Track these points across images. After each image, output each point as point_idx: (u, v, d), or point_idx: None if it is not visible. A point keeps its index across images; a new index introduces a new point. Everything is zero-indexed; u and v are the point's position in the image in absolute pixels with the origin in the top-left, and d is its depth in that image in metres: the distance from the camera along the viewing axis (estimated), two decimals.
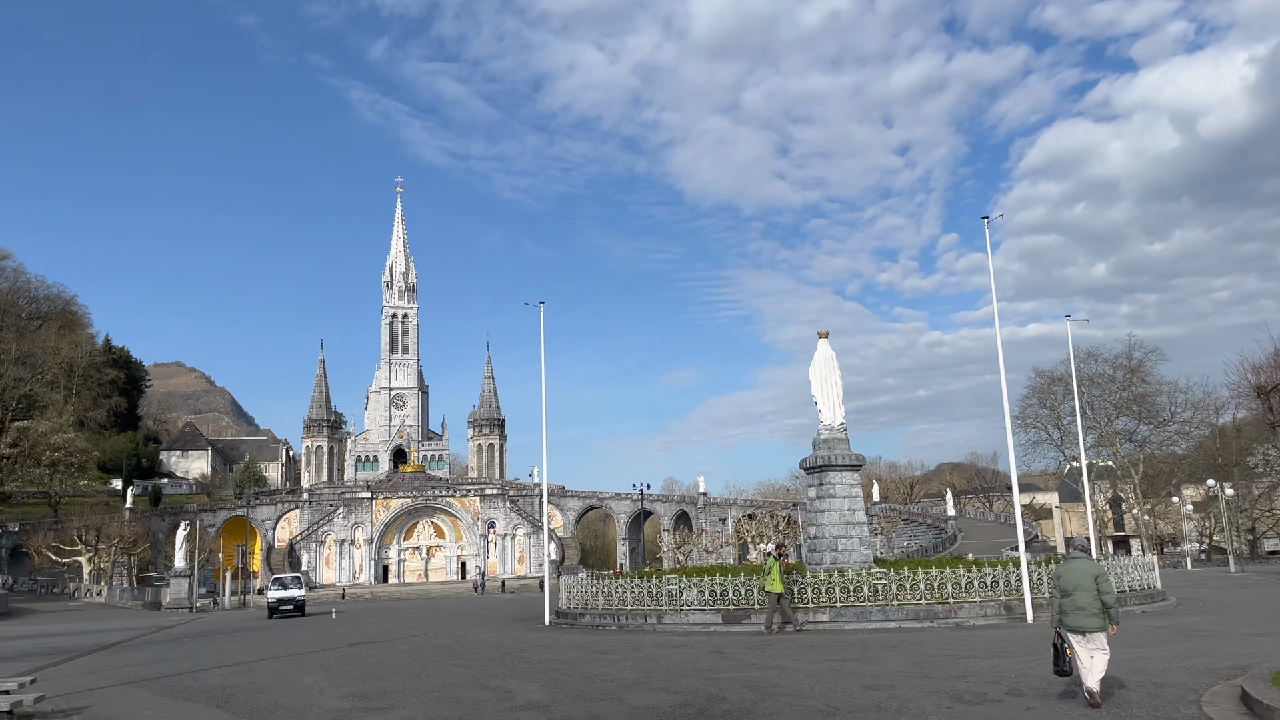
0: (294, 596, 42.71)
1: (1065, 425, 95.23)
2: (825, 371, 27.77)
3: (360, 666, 17.20)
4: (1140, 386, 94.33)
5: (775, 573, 19.96)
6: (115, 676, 17.84)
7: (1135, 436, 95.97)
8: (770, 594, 19.98)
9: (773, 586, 19.84)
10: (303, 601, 43.39)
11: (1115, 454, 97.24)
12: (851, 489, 26.40)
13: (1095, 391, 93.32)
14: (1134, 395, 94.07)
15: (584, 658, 16.43)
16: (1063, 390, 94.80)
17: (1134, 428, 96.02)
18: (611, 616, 23.33)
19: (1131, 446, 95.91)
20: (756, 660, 15.11)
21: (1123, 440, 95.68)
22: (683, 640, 19.08)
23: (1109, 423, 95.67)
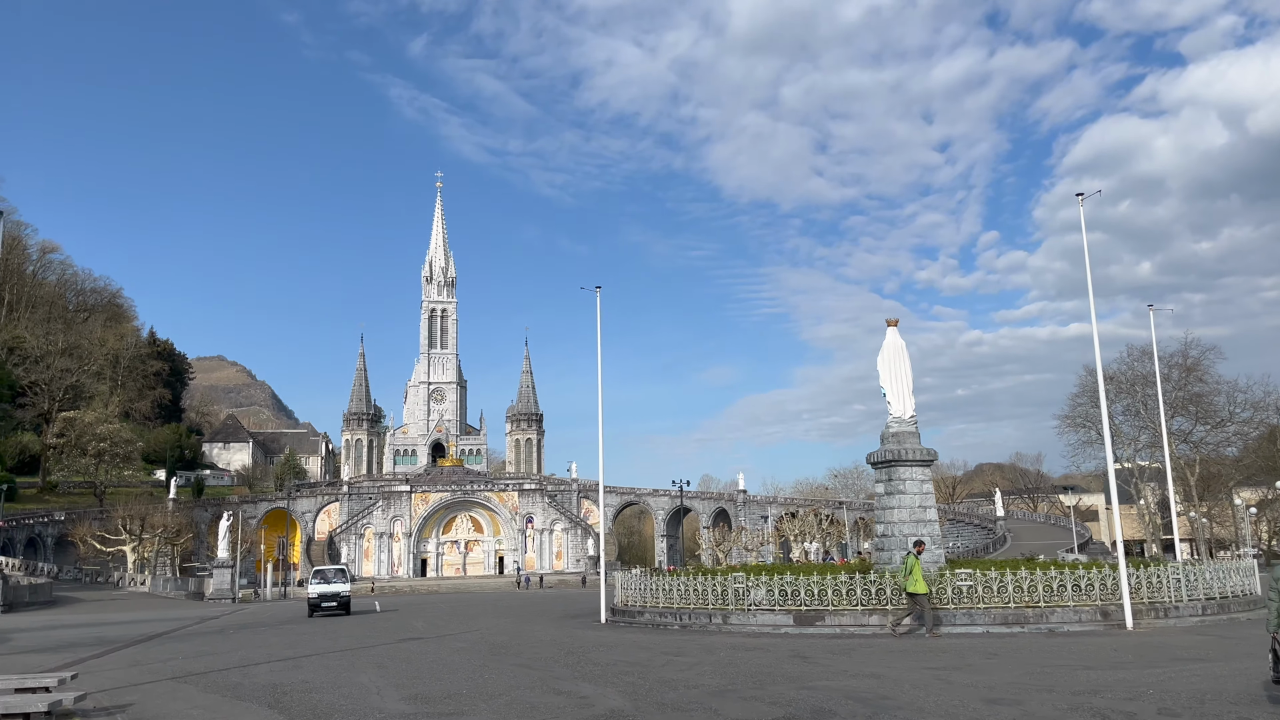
0: (338, 592, 36.62)
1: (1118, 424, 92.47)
2: (894, 361, 26.43)
3: (416, 665, 16.23)
4: (1196, 386, 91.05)
5: (917, 571, 18.20)
6: (161, 671, 17.06)
7: (1191, 437, 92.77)
8: (912, 595, 18.24)
9: (916, 586, 18.04)
10: (348, 597, 37.11)
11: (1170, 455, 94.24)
12: (923, 485, 25.01)
13: (1149, 391, 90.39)
14: (1189, 395, 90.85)
15: (655, 660, 15.29)
16: (1114, 389, 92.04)
17: (1190, 428, 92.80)
18: (673, 615, 22.16)
19: (1186, 447, 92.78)
20: (847, 666, 13.85)
21: (1177, 441, 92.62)
22: (755, 642, 17.87)
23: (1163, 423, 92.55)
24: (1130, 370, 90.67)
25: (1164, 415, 46.18)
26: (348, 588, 37.32)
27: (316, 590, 36.66)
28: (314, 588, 37.03)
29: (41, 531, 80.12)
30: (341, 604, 36.20)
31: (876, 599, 19.41)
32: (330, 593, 36.34)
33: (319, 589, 36.69)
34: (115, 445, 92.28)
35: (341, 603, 36.18)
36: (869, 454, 26.24)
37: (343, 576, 38.51)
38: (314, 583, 37.82)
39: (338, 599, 36.30)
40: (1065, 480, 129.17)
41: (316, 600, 36.02)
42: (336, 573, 39.06)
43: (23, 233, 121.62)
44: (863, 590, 19.59)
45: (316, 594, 36.22)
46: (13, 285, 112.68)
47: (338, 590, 36.61)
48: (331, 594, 36.27)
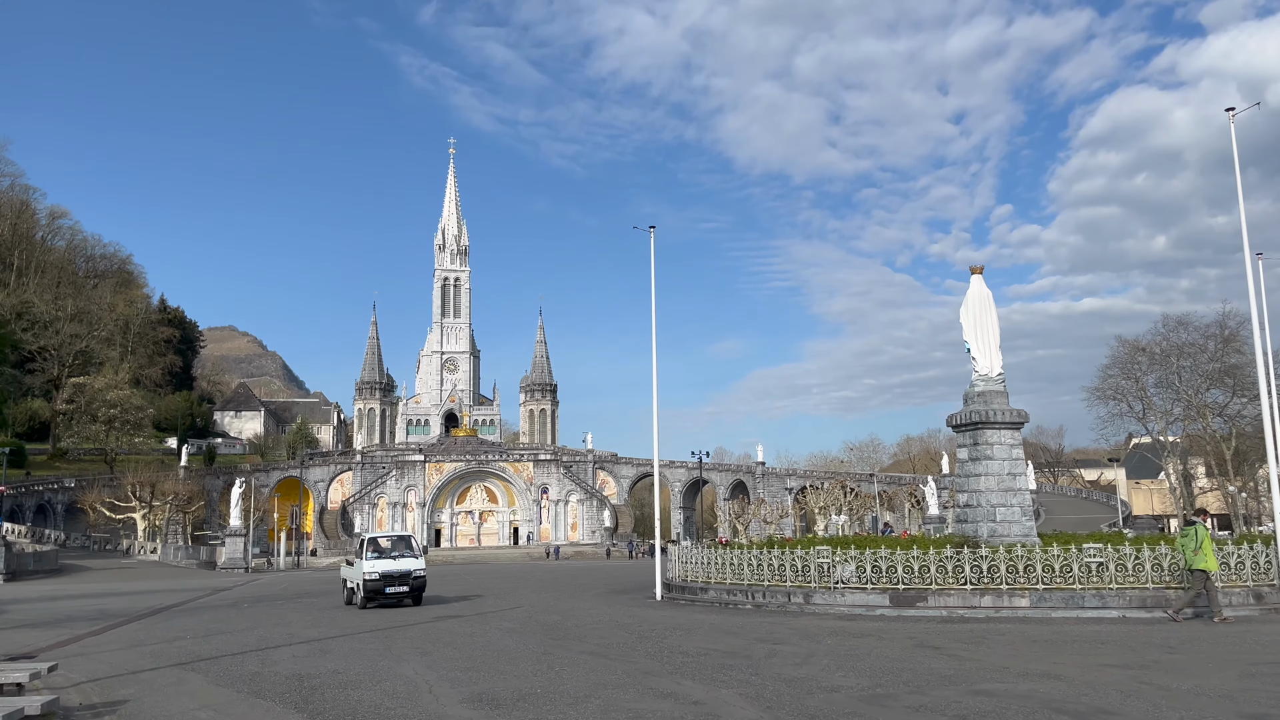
0: (407, 571, 23.87)
1: (1149, 397, 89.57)
2: (980, 313, 23.73)
3: (464, 651, 13.77)
4: (1234, 357, 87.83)
5: (1208, 544, 15.22)
6: (165, 654, 14.68)
7: (1227, 410, 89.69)
8: (1199, 573, 15.18)
9: (1206, 563, 15.07)
10: (423, 579, 24.43)
11: (1205, 427, 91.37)
12: (1012, 450, 22.40)
13: (1184, 362, 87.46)
14: (1226, 367, 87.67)
15: (754, 650, 12.79)
16: (1147, 361, 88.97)
17: (1226, 400, 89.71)
18: (744, 593, 19.68)
19: (1221, 421, 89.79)
20: (999, 660, 11.31)
21: (1213, 414, 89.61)
22: (855, 627, 15.36)
23: (1198, 395, 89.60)
24: (1165, 341, 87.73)
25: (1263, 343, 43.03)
26: (421, 565, 24.54)
27: (376, 569, 23.50)
28: (370, 565, 23.57)
29: (51, 498, 78.48)
30: (414, 590, 23.90)
31: (989, 577, 16.83)
32: (396, 573, 23.58)
33: (378, 566, 23.62)
34: (126, 412, 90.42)
35: (414, 588, 23.89)
36: (949, 415, 23.64)
37: (409, 548, 25.46)
38: (370, 557, 24.02)
39: (408, 582, 23.70)
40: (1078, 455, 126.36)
41: (377, 583, 23.32)
42: (400, 543, 25.71)
43: (31, 197, 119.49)
44: (972, 567, 17.02)
45: (378, 573, 23.35)
46: (22, 250, 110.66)
47: (407, 569, 23.83)
48: (399, 574, 23.58)
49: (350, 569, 25.22)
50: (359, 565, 23.91)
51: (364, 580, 23.36)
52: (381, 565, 23.77)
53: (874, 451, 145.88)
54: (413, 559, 24.62)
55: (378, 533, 30.13)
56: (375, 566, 23.67)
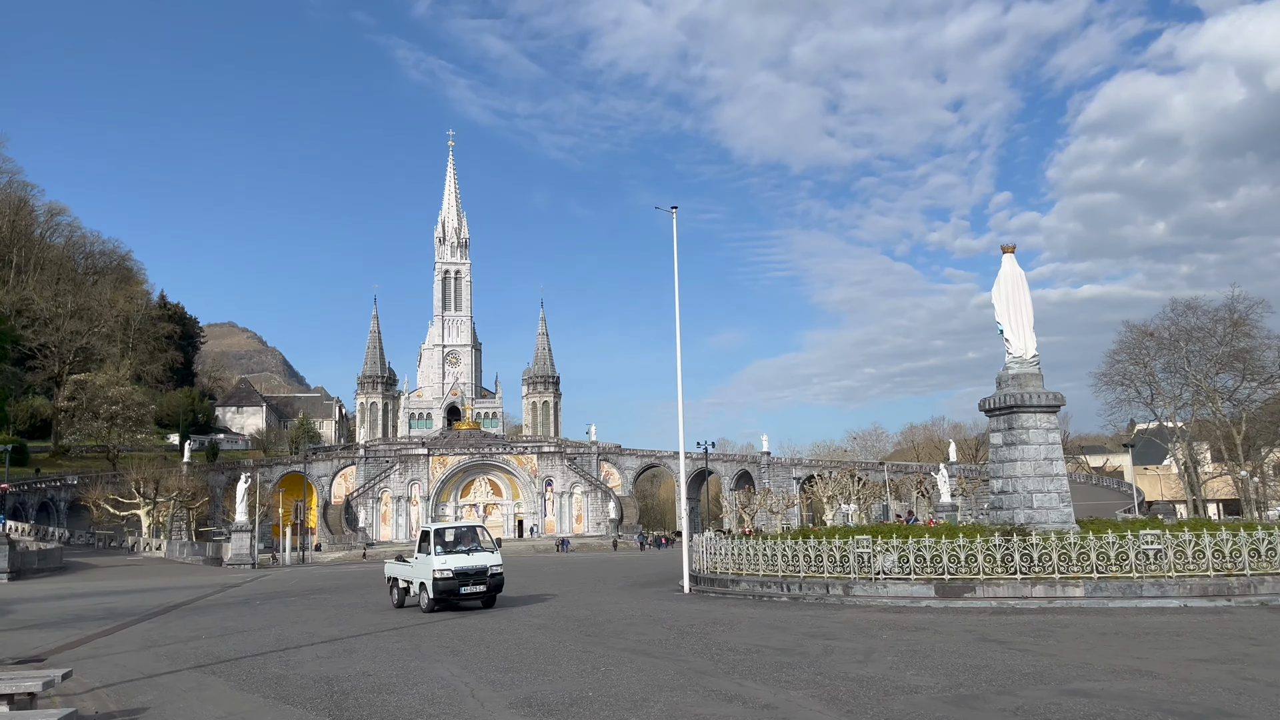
0: (484, 568, 20.38)
1: (1157, 382, 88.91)
2: (1012, 293, 23.02)
3: (498, 650, 13.07)
4: (1244, 341, 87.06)
5: None
6: (182, 655, 13.98)
7: (1237, 394, 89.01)
8: None
9: None
10: (501, 577, 21.07)
11: (1215, 412, 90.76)
12: (1048, 434, 21.73)
13: (1192, 347, 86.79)
14: (1235, 351, 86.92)
15: (809, 646, 12.10)
16: (1155, 346, 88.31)
17: (1236, 384, 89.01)
18: (778, 585, 18.97)
19: (1231, 405, 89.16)
20: (1080, 656, 10.61)
21: (1222, 398, 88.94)
22: (905, 619, 14.67)
23: (1207, 379, 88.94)
24: (1174, 325, 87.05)
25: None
26: (499, 560, 21.12)
27: (448, 565, 19.92)
28: (441, 561, 19.95)
29: (54, 496, 77.79)
30: (491, 590, 20.67)
31: (1040, 566, 16.11)
32: (472, 570, 20.06)
33: (451, 563, 20.00)
34: (127, 408, 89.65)
35: (491, 587, 20.63)
36: (982, 399, 22.95)
37: (481, 540, 21.71)
38: (439, 553, 20.22)
39: (485, 581, 20.31)
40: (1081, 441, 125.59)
41: (450, 582, 19.77)
42: (469, 534, 21.88)
43: (30, 194, 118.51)
44: (1022, 555, 16.30)
45: (450, 571, 19.82)
46: (20, 247, 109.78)
47: (482, 565, 20.28)
48: (474, 571, 20.08)
49: (402, 566, 22.13)
50: (424, 561, 20.32)
51: (435, 579, 19.64)
52: (454, 561, 20.08)
53: (877, 440, 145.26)
54: (488, 553, 20.94)
55: (442, 523, 24.69)
56: (447, 563, 19.97)
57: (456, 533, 21.90)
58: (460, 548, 21.01)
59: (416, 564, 21.03)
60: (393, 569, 23.03)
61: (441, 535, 21.21)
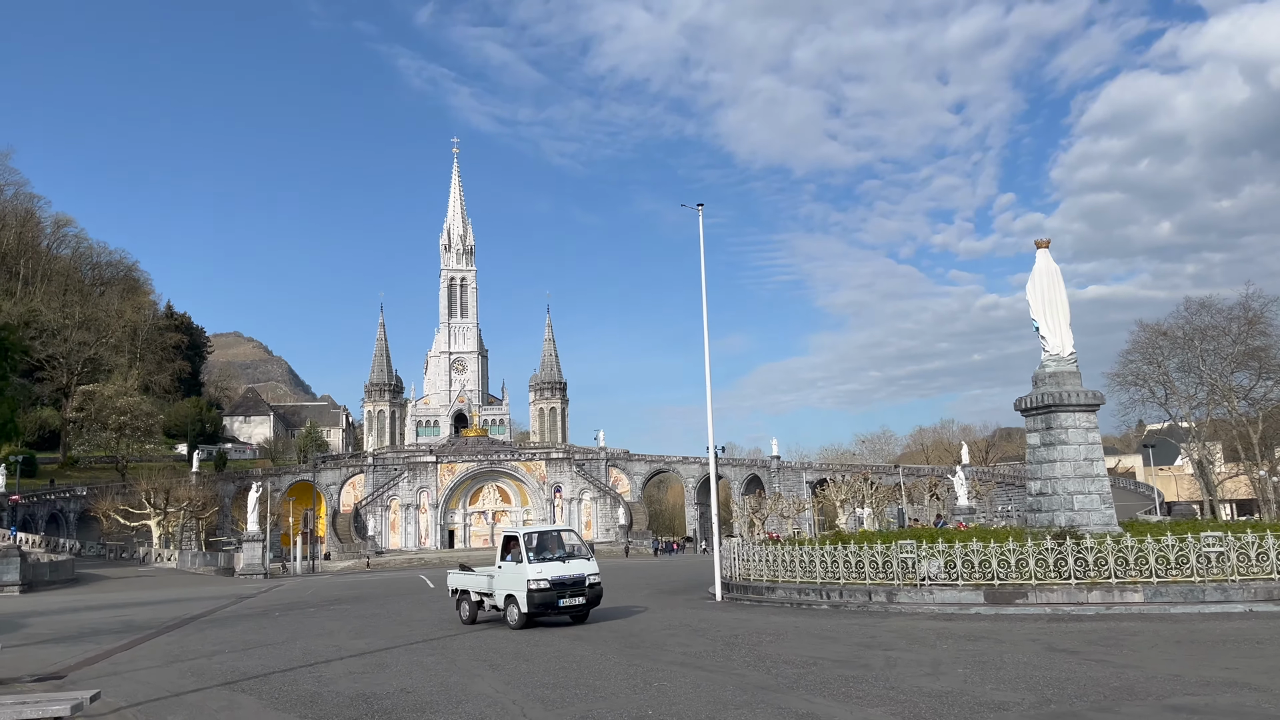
0: (582, 576, 18.30)
1: (1172, 382, 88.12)
2: (1048, 289, 22.44)
3: (539, 664, 12.52)
4: (1259, 339, 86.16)
5: None
6: (208, 671, 13.45)
7: (1253, 393, 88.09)
8: None
9: None
10: (600, 588, 19.06)
11: (1231, 411, 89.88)
12: (1088, 434, 21.12)
13: (1207, 345, 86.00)
14: (1250, 349, 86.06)
15: (862, 655, 11.52)
16: (1169, 345, 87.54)
17: (1252, 383, 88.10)
18: (818, 592, 18.39)
19: (1246, 404, 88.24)
20: (1167, 667, 10.03)
21: (1238, 397, 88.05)
22: (959, 628, 14.08)
23: (1222, 378, 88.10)
24: (1188, 324, 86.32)
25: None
26: (596, 569, 19.03)
27: (544, 574, 17.79)
28: (537, 569, 17.82)
29: (63, 507, 77.43)
30: (590, 602, 18.59)
31: (1096, 570, 15.51)
32: (570, 579, 18.04)
33: (548, 571, 17.89)
34: (136, 418, 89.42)
35: (590, 599, 18.55)
36: (1018, 399, 22.34)
37: (575, 545, 19.70)
38: (534, 562, 17.98)
39: (584, 592, 18.26)
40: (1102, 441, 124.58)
41: (548, 594, 17.67)
42: (559, 539, 19.63)
43: (36, 205, 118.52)
44: (1076, 559, 15.69)
45: (547, 581, 17.70)
46: (27, 259, 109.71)
47: (580, 574, 18.26)
48: (573, 581, 18.06)
49: (473, 576, 19.87)
50: (513, 570, 18.03)
51: (530, 590, 17.41)
52: (551, 569, 17.83)
53: (886, 443, 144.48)
54: (584, 560, 18.67)
55: (531, 527, 22.77)
56: (543, 571, 17.74)
57: (548, 537, 19.43)
58: (554, 554, 18.58)
59: (502, 573, 18.54)
60: (460, 579, 20.42)
61: (532, 540, 18.66)
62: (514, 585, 17.97)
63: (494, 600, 18.77)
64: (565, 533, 20.16)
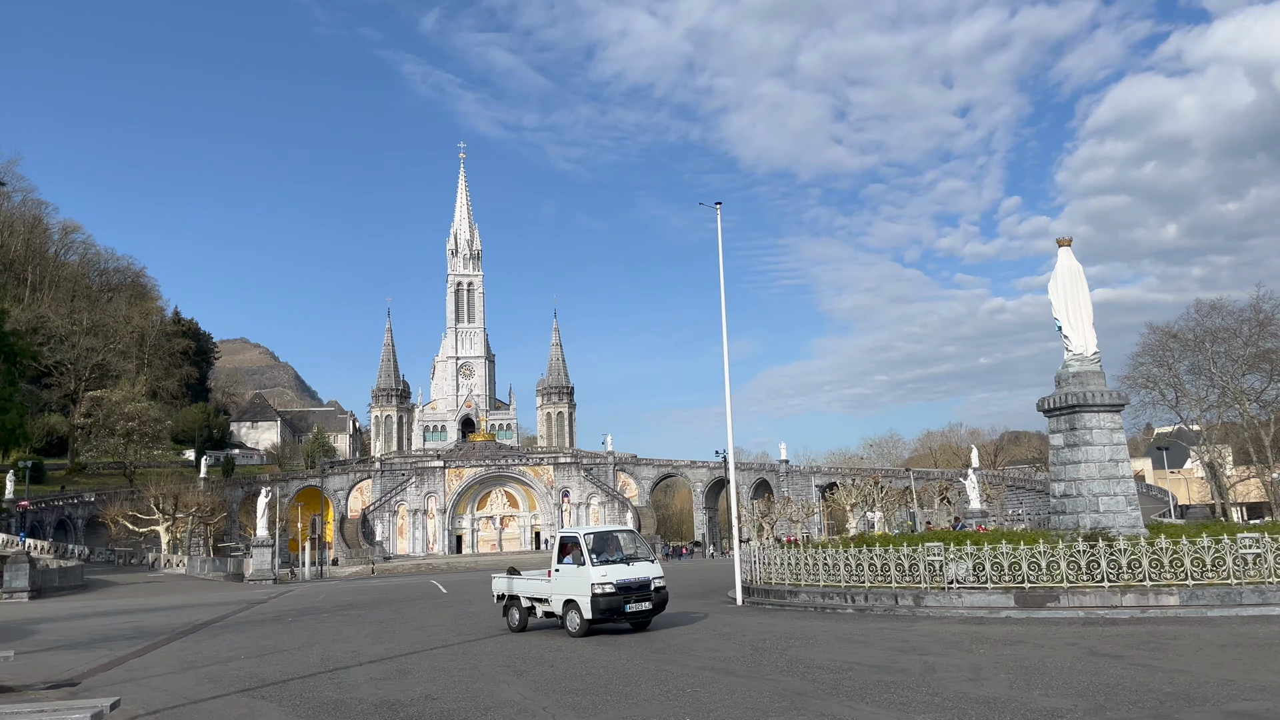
0: (647, 579, 17.06)
1: (1182, 384, 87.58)
2: (1070, 288, 22.11)
3: (565, 669, 12.23)
4: (1270, 341, 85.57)
5: None
6: (225, 677, 13.19)
7: (1264, 396, 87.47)
8: None
9: None
10: (665, 592, 17.70)
11: (1243, 414, 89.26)
12: (1113, 434, 20.78)
13: (1217, 348, 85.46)
14: (1261, 351, 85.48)
15: (899, 660, 11.20)
16: (1179, 348, 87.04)
17: (1263, 386, 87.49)
18: (842, 596, 18.07)
19: (1258, 406, 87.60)
20: (1217, 672, 9.69)
21: (1249, 400, 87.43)
22: (992, 631, 13.74)
23: (1234, 381, 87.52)
24: (1198, 326, 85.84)
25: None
26: (660, 571, 17.77)
27: (608, 577, 16.58)
28: (601, 572, 16.62)
29: (71, 513, 77.39)
30: (657, 606, 17.36)
31: (1130, 572, 15.17)
32: (635, 582, 16.83)
33: (613, 574, 16.68)
34: (144, 424, 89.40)
35: (657, 603, 17.33)
36: (1040, 399, 22.01)
37: (636, 546, 18.37)
38: (597, 565, 16.77)
39: (650, 596, 17.03)
40: None
41: (614, 598, 16.46)
42: (617, 540, 18.25)
43: (44, 212, 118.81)
44: (1109, 562, 15.35)
45: (612, 585, 16.51)
46: (35, 265, 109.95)
47: (645, 577, 17.06)
48: (638, 584, 16.85)
49: (522, 580, 18.74)
50: (573, 573, 16.78)
51: (595, 594, 16.21)
52: (616, 572, 16.64)
53: (894, 447, 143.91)
54: (648, 563, 17.48)
55: (591, 527, 21.03)
56: (608, 574, 16.52)
57: (608, 538, 18.10)
58: (615, 556, 17.36)
59: (561, 577, 17.27)
60: (508, 584, 19.09)
61: (595, 540, 17.44)
62: (575, 590, 16.71)
63: (550, 606, 17.58)
64: (625, 534, 18.83)
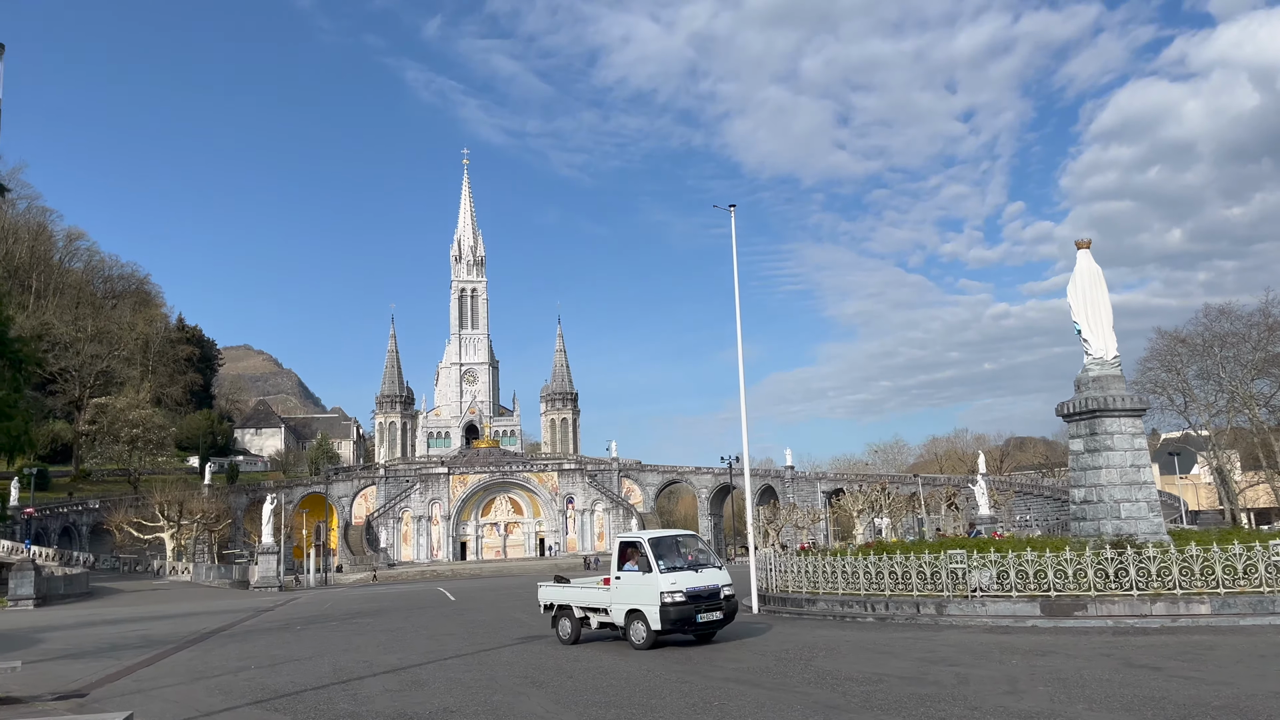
0: (716, 587, 15.92)
1: (1191, 390, 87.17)
2: (1089, 291, 21.79)
3: (584, 680, 11.93)
4: (1278, 346, 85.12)
5: None
6: (236, 689, 12.91)
7: (1273, 401, 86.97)
8: None
9: None
10: (735, 600, 16.55)
11: (1252, 419, 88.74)
12: (1134, 440, 20.46)
13: (1226, 352, 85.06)
14: (1270, 356, 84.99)
15: (930, 672, 10.88)
16: (1188, 353, 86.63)
17: (1272, 391, 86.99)
18: (861, 604, 17.75)
19: (1267, 411, 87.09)
20: (1263, 684, 9.40)
21: (1258, 405, 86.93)
22: (1020, 641, 13.43)
23: (1242, 386, 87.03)
24: (1207, 331, 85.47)
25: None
26: (729, 578, 16.49)
27: (678, 584, 15.38)
28: (670, 579, 15.38)
29: (76, 520, 77.17)
30: (727, 615, 16.10)
31: (1159, 580, 14.85)
32: (706, 590, 15.66)
33: (682, 581, 15.49)
34: (148, 431, 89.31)
35: (728, 613, 16.10)
36: (1060, 404, 21.69)
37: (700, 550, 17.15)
38: (662, 567, 15.51)
39: (720, 605, 15.85)
40: None
41: (685, 607, 15.25)
42: (686, 544, 16.99)
43: (49, 219, 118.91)
44: (1138, 569, 15.04)
45: (682, 593, 15.31)
46: (40, 272, 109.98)
47: (715, 584, 15.89)
48: (709, 593, 15.68)
49: (574, 590, 17.52)
50: (638, 580, 15.48)
51: (665, 604, 14.96)
52: (685, 579, 15.41)
53: (899, 453, 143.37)
54: (715, 570, 16.20)
55: (653, 531, 18.41)
56: (677, 581, 15.27)
57: (671, 543, 16.49)
58: (682, 562, 15.99)
59: (623, 585, 15.91)
60: (558, 593, 17.69)
61: (660, 545, 15.98)
62: (640, 599, 15.40)
63: (609, 617, 16.17)
64: (689, 538, 17.29)
